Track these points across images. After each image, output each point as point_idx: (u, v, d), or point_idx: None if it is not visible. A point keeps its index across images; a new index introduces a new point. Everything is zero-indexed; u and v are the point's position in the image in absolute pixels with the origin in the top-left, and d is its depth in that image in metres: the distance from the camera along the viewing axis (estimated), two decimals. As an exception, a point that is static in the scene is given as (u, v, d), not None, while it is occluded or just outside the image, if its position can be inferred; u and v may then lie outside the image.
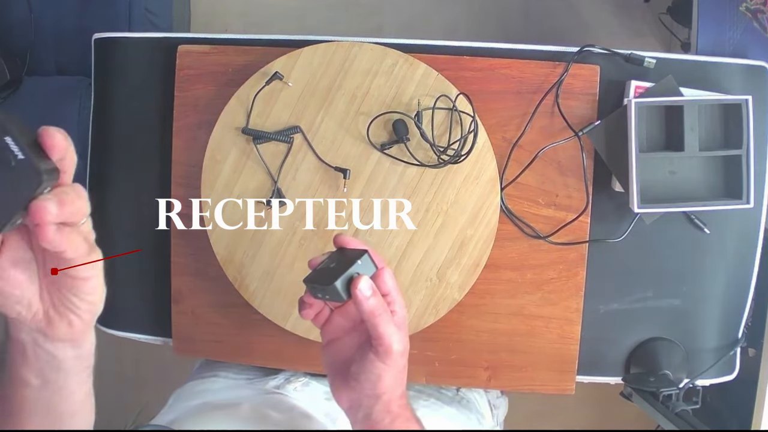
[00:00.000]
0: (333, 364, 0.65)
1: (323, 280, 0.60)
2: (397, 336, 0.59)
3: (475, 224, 0.88)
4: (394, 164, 0.88)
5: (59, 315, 0.45)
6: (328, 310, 0.65)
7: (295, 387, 0.91)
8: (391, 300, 0.60)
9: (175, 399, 0.94)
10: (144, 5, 1.47)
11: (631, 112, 0.81)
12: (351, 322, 0.64)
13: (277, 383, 0.93)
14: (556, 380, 0.92)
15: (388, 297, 0.60)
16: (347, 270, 0.58)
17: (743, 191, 0.82)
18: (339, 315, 0.65)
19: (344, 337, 0.65)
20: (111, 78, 0.97)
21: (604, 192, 0.90)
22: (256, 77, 0.88)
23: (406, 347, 0.61)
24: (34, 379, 0.48)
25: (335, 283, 0.57)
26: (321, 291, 0.60)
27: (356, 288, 0.57)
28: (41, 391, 0.49)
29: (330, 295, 0.59)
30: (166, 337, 0.99)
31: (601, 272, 0.91)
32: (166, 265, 0.95)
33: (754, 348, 1.04)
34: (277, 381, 0.94)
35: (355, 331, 0.64)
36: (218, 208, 0.90)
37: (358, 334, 0.63)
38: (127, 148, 0.97)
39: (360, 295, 0.57)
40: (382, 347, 0.58)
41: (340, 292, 0.58)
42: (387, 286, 0.60)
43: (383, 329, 0.58)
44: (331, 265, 0.62)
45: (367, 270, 0.59)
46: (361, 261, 0.59)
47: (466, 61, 0.88)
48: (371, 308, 0.57)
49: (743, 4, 0.96)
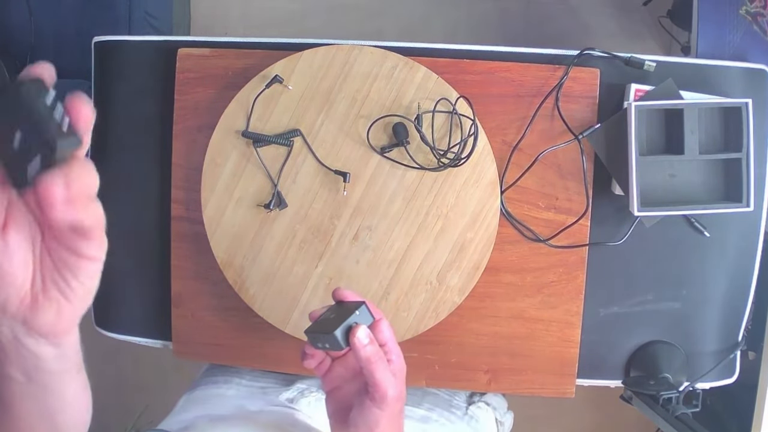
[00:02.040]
0: (335, 412, 0.68)
1: (323, 329, 0.63)
2: (392, 381, 0.62)
3: (475, 227, 0.88)
4: (394, 167, 0.88)
5: (48, 300, 0.41)
6: (330, 361, 0.69)
7: (309, 401, 0.92)
8: (388, 350, 0.64)
9: (186, 402, 0.93)
10: (144, 8, 1.47)
11: (631, 115, 0.81)
12: (351, 371, 0.68)
13: (290, 395, 0.93)
14: (556, 383, 0.92)
15: (385, 347, 0.63)
16: (346, 320, 0.61)
17: (743, 194, 0.82)
18: (339, 365, 0.68)
19: (344, 386, 0.68)
20: (111, 81, 0.97)
21: (604, 195, 0.90)
22: (256, 80, 0.88)
23: (402, 394, 0.64)
24: (20, 375, 0.46)
25: (335, 332, 0.61)
26: (321, 340, 0.64)
27: (354, 336, 0.61)
28: (27, 386, 0.47)
29: (330, 344, 0.62)
30: (166, 341, 0.99)
31: (601, 275, 0.91)
32: (166, 268, 0.95)
33: (754, 351, 1.04)
34: (291, 393, 0.94)
35: (355, 379, 0.67)
36: (218, 211, 0.90)
37: (357, 382, 0.66)
38: (127, 151, 0.98)
39: (358, 343, 0.60)
40: (378, 393, 0.61)
41: (339, 340, 0.61)
42: (384, 336, 0.63)
43: (379, 376, 0.61)
44: (330, 316, 0.66)
45: (364, 320, 0.63)
46: (359, 312, 0.62)
47: (466, 65, 0.88)
48: (368, 355, 0.61)
49: (743, 8, 0.96)
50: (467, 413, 1.01)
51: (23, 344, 0.43)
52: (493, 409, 1.07)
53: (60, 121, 0.37)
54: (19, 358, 0.44)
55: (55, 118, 0.37)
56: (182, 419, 0.82)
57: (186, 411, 0.89)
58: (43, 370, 0.46)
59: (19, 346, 0.43)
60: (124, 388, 1.93)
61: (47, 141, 0.36)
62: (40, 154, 0.36)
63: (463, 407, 1.02)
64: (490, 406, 1.06)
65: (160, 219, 0.96)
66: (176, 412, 0.90)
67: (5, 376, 0.46)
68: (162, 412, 0.91)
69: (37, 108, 0.36)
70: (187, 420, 0.81)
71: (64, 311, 0.42)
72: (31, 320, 0.41)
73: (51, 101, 0.37)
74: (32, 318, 0.41)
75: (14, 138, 0.36)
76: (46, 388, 0.48)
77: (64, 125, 0.37)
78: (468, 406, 1.02)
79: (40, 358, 0.44)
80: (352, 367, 0.67)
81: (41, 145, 0.36)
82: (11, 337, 0.43)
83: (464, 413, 1.01)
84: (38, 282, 0.41)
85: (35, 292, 0.41)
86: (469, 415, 1.01)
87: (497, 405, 1.08)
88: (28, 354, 0.44)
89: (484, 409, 1.04)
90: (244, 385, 0.97)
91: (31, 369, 0.45)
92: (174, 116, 0.92)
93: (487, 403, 1.05)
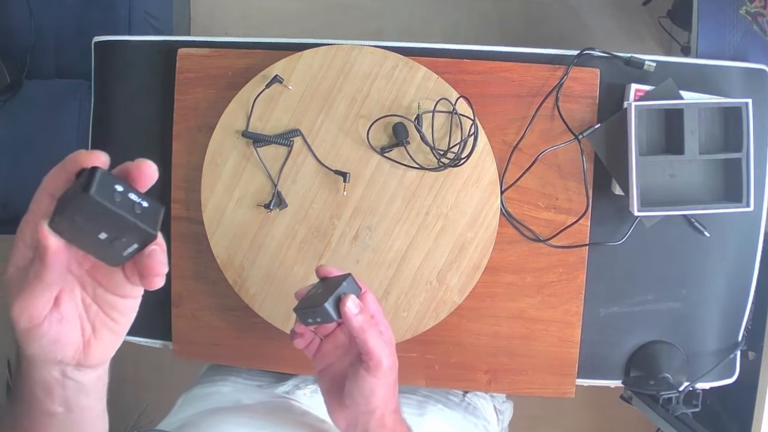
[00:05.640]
0: (328, 389, 0.68)
1: (313, 304, 0.63)
2: (386, 350, 0.62)
3: (475, 227, 0.88)
4: (394, 167, 0.88)
5: (99, 340, 0.45)
6: (318, 340, 0.69)
7: (305, 393, 0.92)
8: (377, 321, 0.64)
9: (183, 401, 0.94)
10: (144, 8, 1.47)
11: (631, 115, 0.81)
12: (341, 347, 0.68)
13: (286, 389, 0.94)
14: (556, 383, 0.92)
15: (374, 318, 0.64)
16: (335, 292, 0.62)
17: (743, 194, 0.82)
18: (329, 342, 0.69)
19: (336, 363, 0.68)
20: (111, 81, 0.97)
21: (604, 195, 0.90)
22: (256, 80, 0.88)
23: (395, 363, 0.65)
24: (59, 408, 0.47)
25: (325, 305, 0.61)
26: (312, 315, 0.64)
27: (345, 306, 0.61)
28: (66, 416, 0.48)
29: (321, 317, 0.62)
30: (166, 341, 0.99)
31: (601, 275, 0.91)
32: (166, 268, 0.95)
33: (754, 351, 1.04)
34: (287, 387, 0.94)
35: (346, 355, 0.68)
36: (218, 211, 0.90)
37: (349, 357, 0.67)
38: (127, 151, 0.97)
39: (349, 312, 0.61)
40: (372, 361, 0.61)
41: (330, 312, 0.61)
42: (372, 308, 0.64)
43: (372, 344, 0.61)
44: (317, 291, 0.66)
45: (353, 290, 0.63)
46: (346, 283, 0.63)
47: (466, 65, 0.88)
48: (360, 324, 0.61)
49: (743, 8, 0.96)
50: (464, 400, 1.01)
51: (70, 377, 0.46)
52: (491, 397, 1.07)
53: (140, 210, 0.40)
54: (64, 390, 0.46)
55: (137, 211, 0.39)
56: (179, 418, 0.83)
57: (183, 410, 0.89)
58: (85, 393, 0.48)
59: (66, 380, 0.46)
60: (124, 388, 1.93)
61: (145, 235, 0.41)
62: (137, 244, 0.41)
63: (460, 394, 1.02)
64: (488, 394, 1.06)
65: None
66: (174, 412, 0.90)
67: (45, 412, 0.48)
68: (162, 412, 0.91)
69: (116, 215, 0.38)
70: (184, 418, 0.82)
71: (113, 343, 0.46)
72: (85, 361, 0.45)
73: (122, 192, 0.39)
74: (85, 360, 0.45)
75: (98, 235, 0.39)
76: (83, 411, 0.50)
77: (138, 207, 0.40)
78: (465, 394, 1.02)
79: (83, 384, 0.47)
80: (342, 343, 0.68)
81: (138, 238, 0.41)
82: (59, 376, 0.45)
83: (461, 400, 1.01)
84: (88, 329, 0.44)
85: (87, 338, 0.44)
86: (467, 402, 1.01)
87: (495, 393, 1.08)
88: (73, 384, 0.46)
89: (482, 397, 1.04)
90: (240, 382, 0.97)
91: (72, 397, 0.47)
92: (174, 116, 0.92)
93: (485, 392, 1.05)
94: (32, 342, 0.42)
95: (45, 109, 1.42)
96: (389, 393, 0.64)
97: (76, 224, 0.38)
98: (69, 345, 0.43)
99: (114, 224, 0.39)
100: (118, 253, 0.41)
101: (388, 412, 0.64)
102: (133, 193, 0.40)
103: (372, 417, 0.63)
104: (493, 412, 1.05)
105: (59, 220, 0.38)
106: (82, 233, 0.39)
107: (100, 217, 0.38)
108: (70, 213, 0.38)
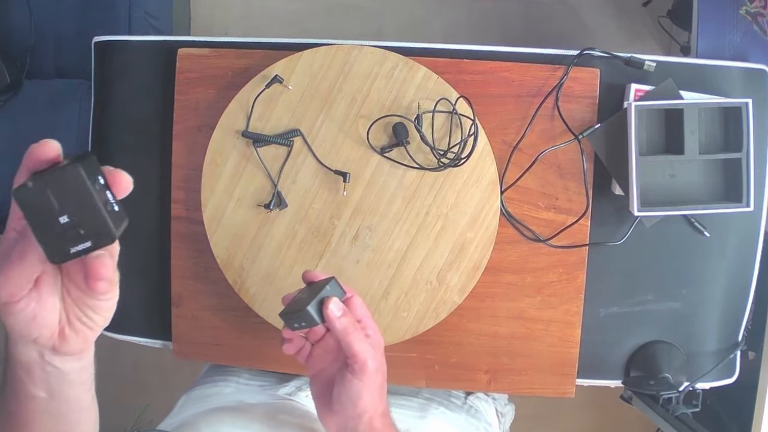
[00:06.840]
0: (319, 395, 0.68)
1: (297, 309, 0.63)
2: (370, 352, 0.62)
3: (475, 227, 0.88)
4: (394, 167, 0.88)
5: (74, 331, 0.46)
6: (309, 346, 0.69)
7: (307, 395, 0.92)
8: (365, 325, 0.64)
9: (185, 401, 0.94)
10: (144, 8, 1.47)
11: (631, 115, 0.81)
12: (331, 353, 0.68)
13: (288, 391, 0.93)
14: (556, 383, 0.92)
15: (361, 323, 0.64)
16: (317, 295, 0.62)
17: (743, 194, 0.82)
18: (319, 347, 0.68)
19: (326, 368, 0.68)
20: (111, 81, 0.97)
21: (604, 195, 0.90)
22: (256, 80, 0.88)
23: (382, 366, 0.64)
24: (42, 393, 0.49)
25: (307, 308, 0.61)
26: (297, 320, 0.64)
27: (327, 308, 0.61)
28: (49, 402, 0.50)
29: (306, 321, 0.62)
30: (166, 341, 0.99)
31: (601, 275, 0.91)
32: (166, 268, 0.95)
33: (754, 351, 1.04)
34: (288, 389, 0.94)
35: (336, 360, 0.67)
36: (218, 211, 0.90)
37: (339, 362, 0.66)
38: (127, 151, 0.98)
39: (331, 314, 0.61)
40: (357, 364, 0.61)
41: (313, 315, 0.61)
42: (359, 312, 0.64)
43: (357, 347, 0.61)
44: (303, 296, 0.66)
45: (336, 293, 0.63)
46: (329, 286, 0.63)
47: (466, 65, 0.88)
48: (344, 326, 0.61)
49: (743, 8, 0.97)
50: (466, 403, 1.01)
51: (49, 362, 0.47)
52: (493, 400, 1.07)
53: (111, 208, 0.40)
54: (45, 375, 0.48)
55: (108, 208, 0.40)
56: (180, 419, 0.83)
57: (184, 410, 0.89)
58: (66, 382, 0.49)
59: (45, 365, 0.47)
60: (124, 388, 1.93)
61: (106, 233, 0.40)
62: (91, 242, 0.40)
63: (462, 397, 1.02)
64: (489, 397, 1.06)
65: (160, 219, 0.96)
66: (174, 412, 0.90)
67: (28, 395, 0.49)
68: (162, 412, 0.91)
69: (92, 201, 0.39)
70: (184, 418, 0.82)
71: (88, 336, 0.47)
72: (60, 347, 0.46)
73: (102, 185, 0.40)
74: (60, 346, 0.46)
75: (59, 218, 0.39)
76: (68, 400, 0.51)
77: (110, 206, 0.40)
78: (467, 396, 1.02)
79: (65, 372, 0.48)
80: (332, 348, 0.68)
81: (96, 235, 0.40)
82: (38, 357, 0.47)
83: (463, 403, 1.01)
84: (64, 318, 0.46)
85: (62, 326, 0.46)
86: (469, 404, 1.01)
87: (497, 396, 1.08)
88: (54, 370, 0.48)
89: (484, 400, 1.04)
90: (242, 383, 0.97)
91: (55, 384, 0.49)
92: (174, 116, 0.92)
93: (486, 394, 1.05)
94: (9, 316, 0.44)
95: (45, 109, 1.42)
96: (376, 396, 0.64)
97: (44, 197, 0.38)
98: (45, 326, 0.45)
99: (82, 210, 0.39)
100: (65, 247, 0.40)
101: (376, 416, 0.64)
102: (110, 192, 0.40)
103: (360, 421, 0.63)
104: (494, 415, 1.05)
105: (30, 188, 0.38)
106: (43, 210, 0.39)
107: (74, 195, 0.38)
108: (46, 182, 0.38)
